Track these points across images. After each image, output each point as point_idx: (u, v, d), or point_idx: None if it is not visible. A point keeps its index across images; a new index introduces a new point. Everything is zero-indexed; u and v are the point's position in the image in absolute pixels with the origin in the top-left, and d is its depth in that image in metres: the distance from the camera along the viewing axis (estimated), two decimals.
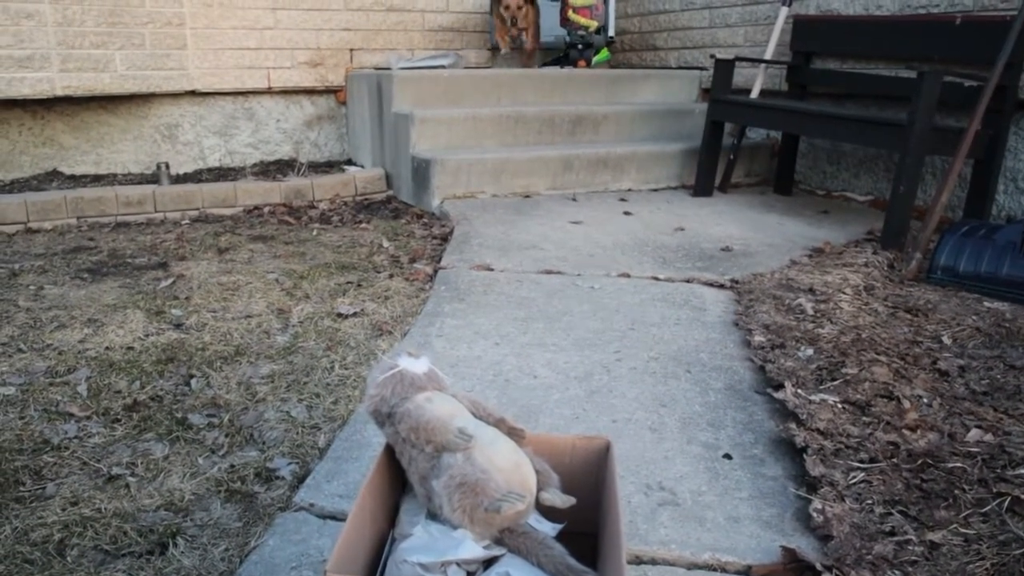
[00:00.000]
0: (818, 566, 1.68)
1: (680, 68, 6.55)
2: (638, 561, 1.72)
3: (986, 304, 3.34)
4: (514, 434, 1.52)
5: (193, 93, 5.70)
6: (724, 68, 5.14)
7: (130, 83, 5.28)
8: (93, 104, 5.40)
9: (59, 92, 5.04)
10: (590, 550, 1.52)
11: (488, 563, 1.41)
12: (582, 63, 6.42)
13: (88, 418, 2.34)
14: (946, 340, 2.91)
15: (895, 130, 3.99)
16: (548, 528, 1.48)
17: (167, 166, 5.31)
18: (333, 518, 1.86)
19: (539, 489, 1.47)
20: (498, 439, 1.47)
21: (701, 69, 6.36)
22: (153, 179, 5.35)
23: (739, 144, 5.51)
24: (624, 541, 1.25)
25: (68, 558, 1.76)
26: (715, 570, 1.72)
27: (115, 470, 2.08)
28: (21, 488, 2.00)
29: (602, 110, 5.68)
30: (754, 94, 5.43)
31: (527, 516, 1.45)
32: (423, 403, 1.48)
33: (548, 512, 1.52)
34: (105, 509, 1.92)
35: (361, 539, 1.37)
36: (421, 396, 1.50)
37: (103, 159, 5.55)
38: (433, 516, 1.45)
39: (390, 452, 1.54)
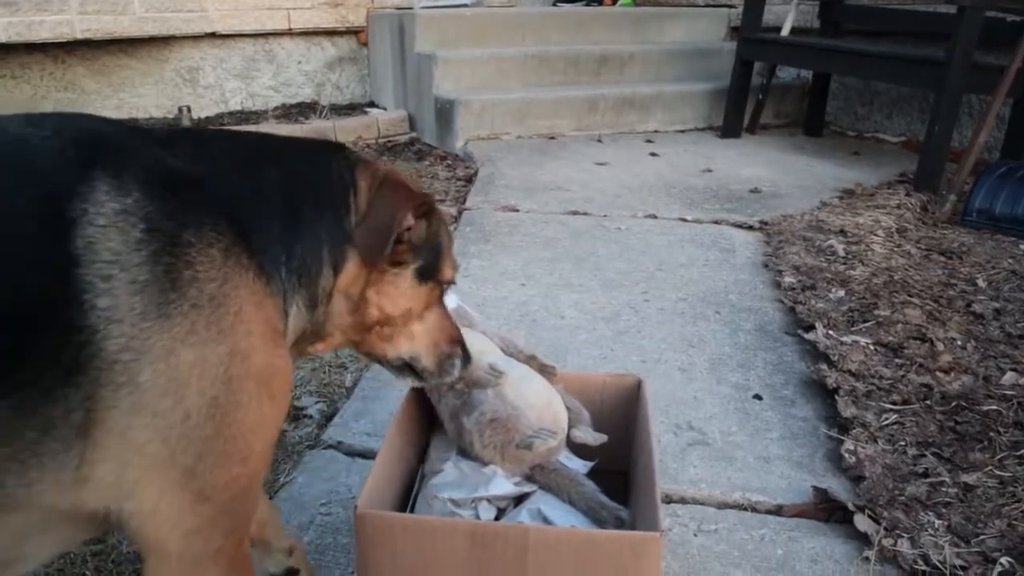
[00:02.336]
0: (850, 506, 1.66)
1: (708, 6, 6.38)
2: (668, 500, 1.72)
3: (1022, 247, 3.26)
4: (545, 371, 1.50)
5: (213, 35, 5.63)
6: (754, 5, 4.99)
7: (149, 26, 5.22)
8: (113, 48, 5.35)
9: (79, 35, 5.00)
10: (620, 487, 1.52)
11: (519, 500, 1.41)
12: (608, 0, 6.27)
13: None
14: (981, 283, 2.85)
15: (932, 68, 3.86)
16: (579, 465, 1.47)
17: (189, 110, 5.28)
18: (361, 456, 1.86)
19: (570, 426, 1.46)
20: (529, 376, 1.46)
21: (730, 7, 6.19)
22: (175, 123, 5.32)
23: (768, 84, 5.37)
24: (658, 479, 1.24)
25: None
26: (745, 509, 1.71)
27: None
28: None
29: (628, 49, 5.56)
30: (785, 32, 5.27)
31: (558, 453, 1.44)
32: None
33: (579, 449, 1.51)
34: None
35: (391, 476, 1.37)
36: None
37: (125, 103, 5.52)
38: (463, 453, 1.44)
39: (417, 391, 1.53)
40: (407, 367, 1.31)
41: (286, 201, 1.06)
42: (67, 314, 0.82)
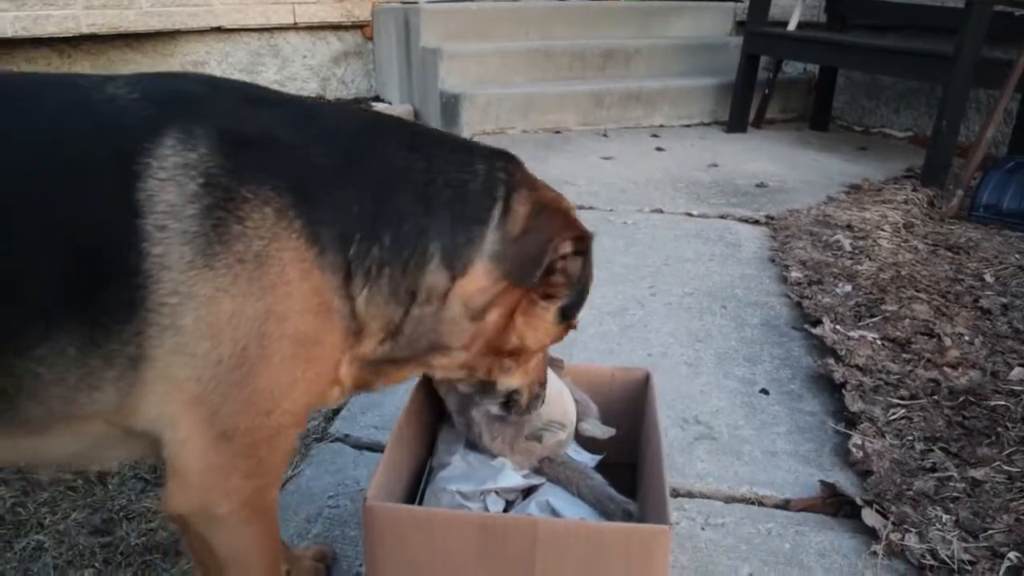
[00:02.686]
0: (858, 501, 1.66)
1: (714, 0, 6.36)
2: (675, 494, 1.72)
3: None
4: (553, 364, 1.50)
5: (218, 30, 5.62)
6: None
7: (155, 20, 5.22)
8: (119, 42, 5.35)
9: (84, 30, 5.00)
10: (628, 480, 1.52)
11: (527, 492, 1.41)
12: None
13: None
14: (988, 278, 2.84)
15: (940, 62, 3.85)
16: (587, 459, 1.47)
17: None
18: (369, 449, 1.87)
19: (578, 420, 1.46)
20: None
21: (736, 1, 6.17)
22: None
23: (774, 79, 5.36)
24: (666, 473, 1.24)
25: (109, 486, 1.78)
26: (753, 503, 1.71)
27: None
28: None
29: (634, 44, 5.55)
30: (791, 26, 5.25)
31: (567, 446, 1.44)
32: None
33: (587, 443, 1.51)
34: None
35: (399, 468, 1.37)
36: None
37: None
38: (472, 445, 1.44)
39: (427, 383, 1.53)
40: (504, 398, 1.32)
41: (382, 187, 1.06)
42: (128, 259, 0.90)
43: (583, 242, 1.17)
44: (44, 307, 0.90)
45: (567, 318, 1.25)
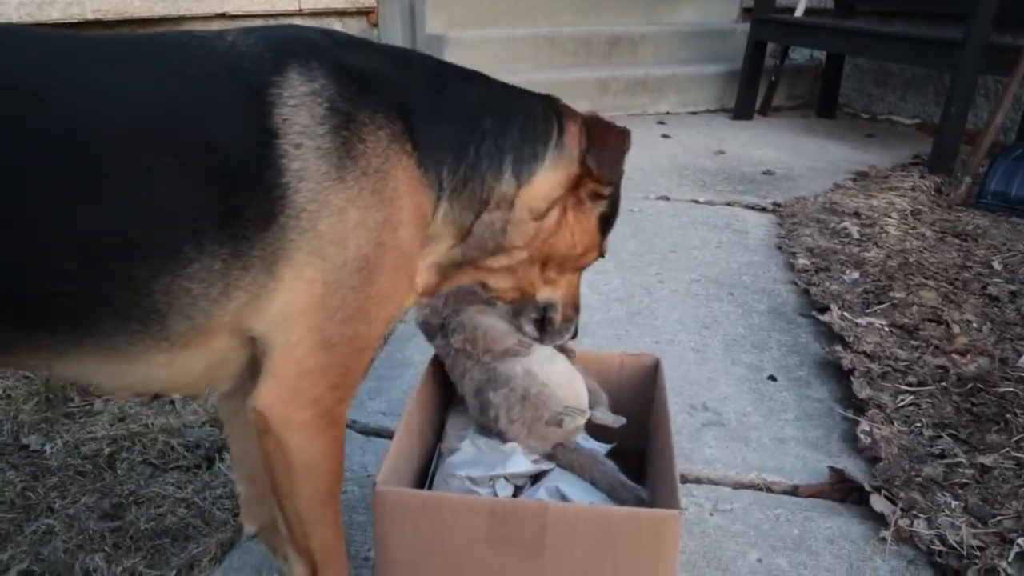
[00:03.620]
0: (866, 487, 1.66)
1: None
2: (684, 480, 1.71)
3: None
4: (565, 352, 1.50)
5: (223, 15, 5.60)
6: None
7: (160, 6, 5.20)
8: (123, 28, 5.33)
9: (89, 15, 4.98)
10: (636, 467, 1.52)
11: (535, 478, 1.41)
12: None
13: None
14: (996, 265, 2.83)
15: (948, 49, 3.83)
16: (596, 447, 1.47)
17: None
18: (376, 435, 1.87)
19: (590, 408, 1.45)
20: (554, 356, 1.45)
21: None
22: None
23: (781, 66, 5.33)
24: (676, 458, 1.24)
25: (118, 471, 1.79)
26: (761, 489, 1.71)
27: None
28: (70, 404, 2.03)
29: (640, 31, 5.52)
30: (798, 13, 5.22)
31: (579, 433, 1.44)
32: (476, 314, 1.46)
33: (595, 432, 1.51)
34: (152, 425, 1.94)
35: (409, 453, 1.37)
36: (473, 308, 1.47)
37: None
38: (484, 430, 1.44)
39: (434, 369, 1.53)
40: (539, 315, 1.42)
41: (466, 116, 1.20)
42: (267, 175, 1.01)
43: (629, 139, 1.33)
44: (197, 228, 0.99)
45: (605, 231, 1.39)
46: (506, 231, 1.26)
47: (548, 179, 1.26)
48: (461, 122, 1.19)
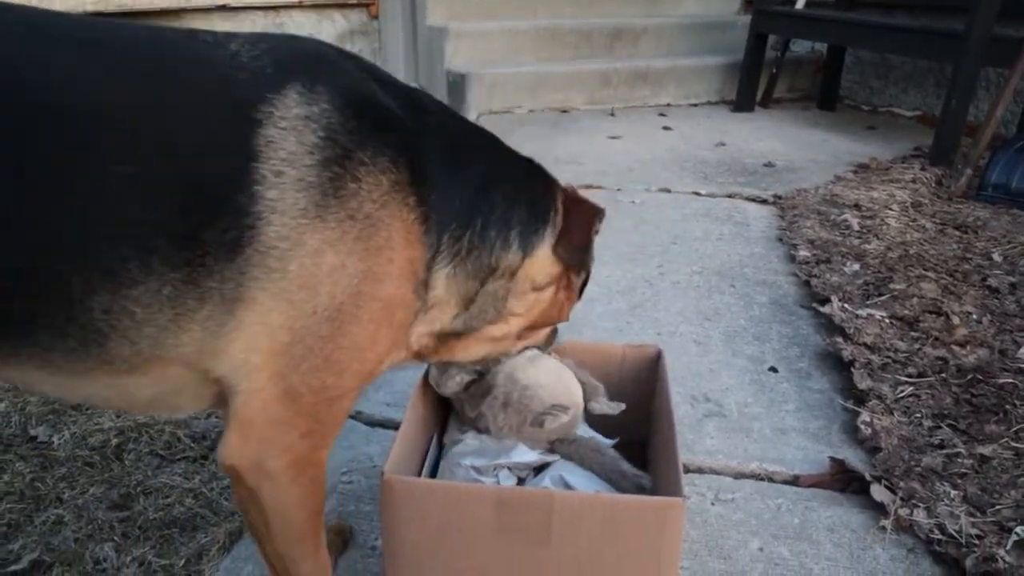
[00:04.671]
0: (867, 476, 1.67)
1: None
2: (685, 470, 1.73)
3: None
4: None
5: (224, 8, 5.60)
6: None
7: None
8: (124, 21, 5.33)
9: (89, 7, 4.98)
10: (639, 457, 1.53)
11: (539, 469, 1.43)
12: None
13: None
14: (996, 257, 2.84)
15: (949, 40, 3.83)
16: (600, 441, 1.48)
17: None
18: (381, 426, 1.88)
19: (586, 400, 1.47)
20: (538, 356, 1.46)
21: None
22: None
23: (782, 58, 5.34)
24: (679, 448, 1.25)
25: (126, 462, 1.80)
26: (762, 480, 1.73)
27: None
28: None
29: (641, 23, 5.52)
30: (799, 5, 5.22)
31: (575, 427, 1.45)
32: None
33: (599, 424, 1.53)
34: (158, 416, 1.96)
35: (415, 443, 1.39)
36: None
37: None
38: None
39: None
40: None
41: (478, 184, 1.16)
42: (238, 200, 0.92)
43: (602, 220, 1.32)
44: (148, 244, 0.91)
45: (581, 293, 1.43)
46: (507, 299, 1.26)
47: (548, 255, 1.28)
48: (472, 188, 1.15)
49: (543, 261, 1.27)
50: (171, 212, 0.91)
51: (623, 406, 1.49)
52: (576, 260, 1.31)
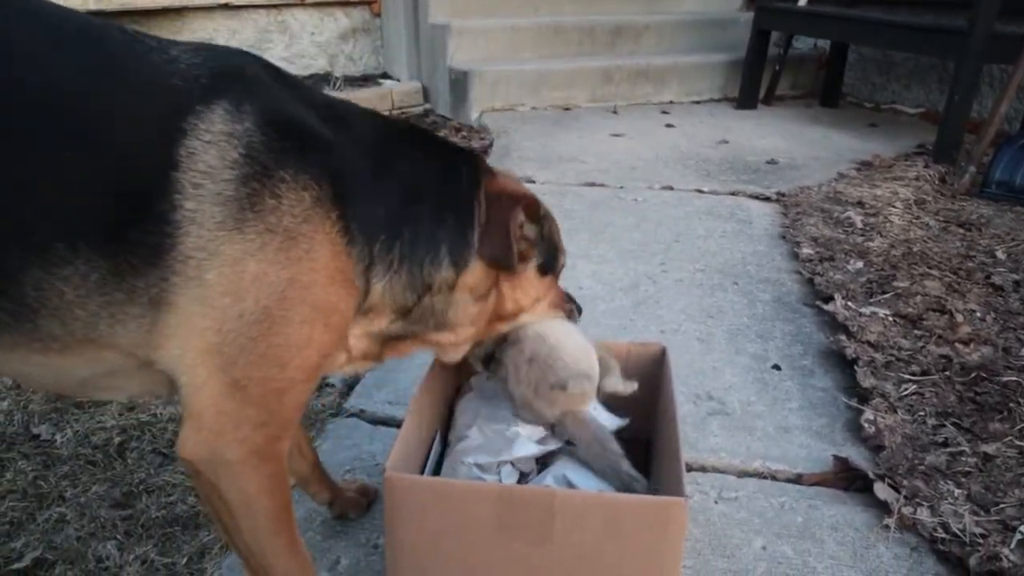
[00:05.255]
0: (870, 475, 1.67)
1: None
2: (689, 468, 1.73)
3: None
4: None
5: (226, 6, 5.59)
6: None
7: None
8: (126, 19, 5.33)
9: (92, 6, 4.98)
10: (643, 455, 1.53)
11: (542, 465, 1.42)
12: None
13: None
14: (1000, 255, 2.83)
15: (952, 37, 3.82)
16: (607, 419, 1.45)
17: None
18: (384, 424, 1.88)
19: (601, 377, 1.46)
20: (568, 324, 1.46)
21: None
22: None
23: (785, 55, 5.33)
24: (682, 446, 1.25)
25: (128, 460, 1.80)
26: (765, 478, 1.73)
27: None
28: None
29: (643, 20, 5.51)
30: (802, 1, 5.21)
31: (588, 402, 1.43)
32: None
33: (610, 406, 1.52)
34: (160, 414, 1.96)
35: (417, 441, 1.39)
36: None
37: None
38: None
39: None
40: (488, 353, 1.45)
41: (402, 196, 1.18)
42: (161, 207, 0.96)
43: (533, 208, 1.31)
44: (74, 229, 0.94)
45: (548, 272, 1.40)
46: (447, 312, 1.27)
47: (482, 263, 1.27)
48: (395, 199, 1.17)
49: (481, 271, 1.27)
50: (99, 201, 0.95)
51: (635, 386, 1.49)
52: (501, 261, 1.27)
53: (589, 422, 1.40)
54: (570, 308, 1.50)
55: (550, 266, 1.40)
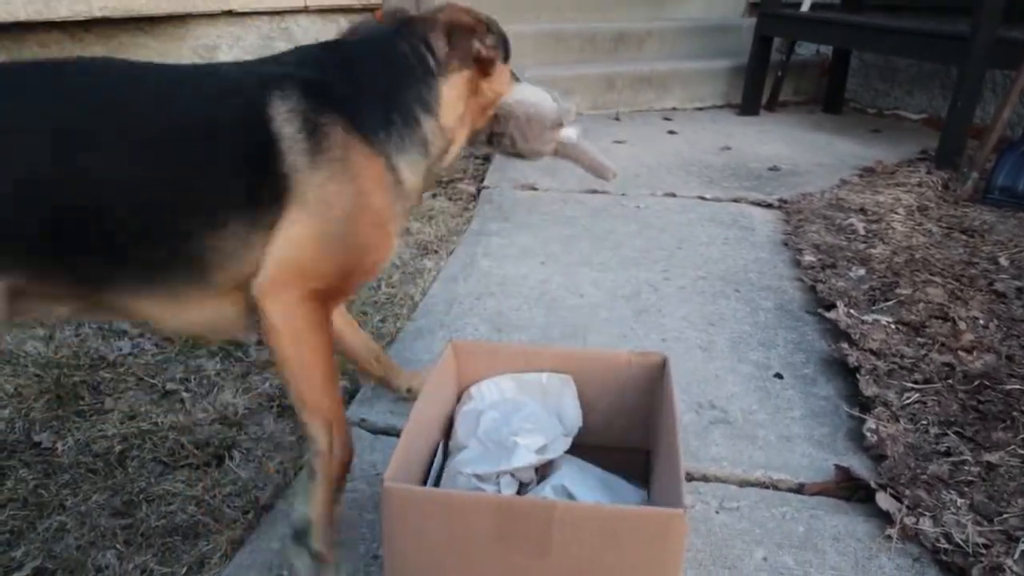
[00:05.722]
0: (872, 484, 1.66)
1: None
2: (690, 477, 1.72)
3: None
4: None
5: (230, 13, 5.60)
6: None
7: (166, 3, 5.21)
8: (130, 25, 5.34)
9: (96, 13, 4.99)
10: (644, 467, 1.53)
11: (542, 474, 1.42)
12: None
13: (141, 335, 2.37)
14: (1003, 261, 2.82)
15: (955, 43, 3.81)
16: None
17: None
18: (385, 433, 1.88)
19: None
20: (523, 84, 1.81)
21: None
22: None
23: (788, 61, 5.33)
24: (682, 456, 1.24)
25: (129, 469, 1.80)
26: (767, 487, 1.72)
27: (169, 386, 2.12)
28: (81, 402, 2.04)
29: (645, 26, 5.52)
30: (804, 7, 5.21)
31: (572, 119, 1.86)
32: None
33: (601, 429, 1.52)
34: (162, 423, 1.96)
35: (416, 451, 1.38)
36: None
37: None
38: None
39: (443, 368, 1.54)
40: (487, 136, 1.84)
41: (378, 92, 1.55)
42: (275, 167, 1.37)
43: (482, 26, 1.67)
44: (231, 202, 1.36)
45: (507, 59, 1.75)
46: (447, 139, 1.67)
47: (452, 99, 1.65)
48: (378, 102, 1.54)
49: (451, 106, 1.65)
50: (238, 180, 1.37)
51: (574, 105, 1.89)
52: (468, 62, 1.66)
53: (577, 144, 1.88)
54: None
55: (507, 53, 1.74)
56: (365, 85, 1.55)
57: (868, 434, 1.83)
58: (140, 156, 1.33)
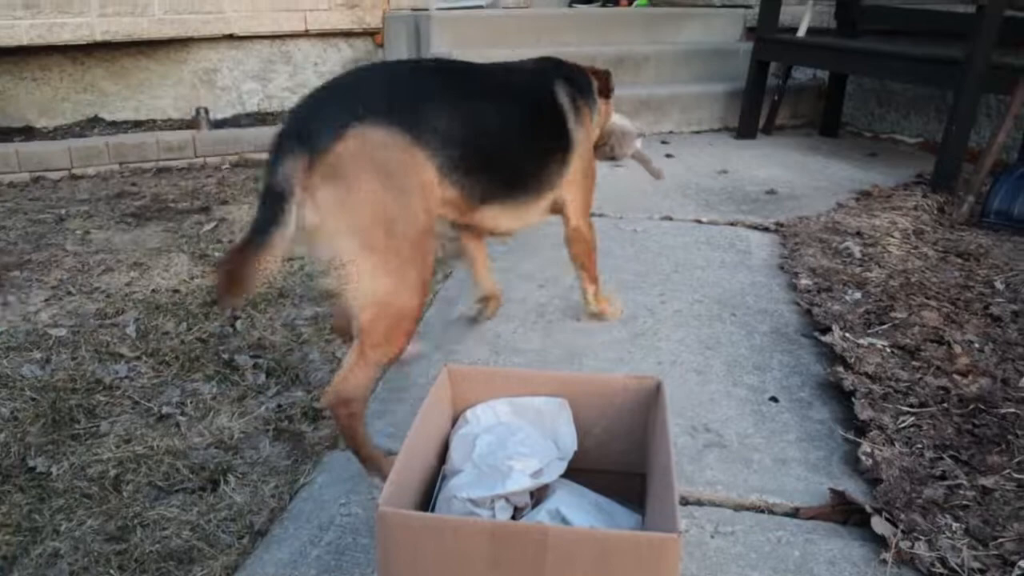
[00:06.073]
0: (867, 508, 1.66)
1: (724, 6, 6.37)
2: (685, 502, 1.72)
3: None
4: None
5: (231, 37, 5.66)
6: (770, 5, 4.98)
7: (168, 27, 5.26)
8: (132, 49, 5.39)
9: (98, 37, 5.04)
10: (638, 489, 1.53)
11: (537, 498, 1.42)
12: (624, 1, 6.25)
13: (138, 359, 2.38)
14: (998, 285, 2.83)
15: (950, 67, 3.85)
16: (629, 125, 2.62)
17: (207, 111, 5.31)
18: None
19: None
20: (619, 116, 2.62)
21: (746, 7, 6.17)
22: (192, 124, 5.36)
23: (784, 85, 5.36)
24: (676, 481, 1.24)
25: (124, 493, 1.80)
26: (762, 511, 1.72)
27: (165, 409, 2.12)
28: (76, 426, 2.05)
29: (643, 51, 5.56)
30: (801, 32, 5.26)
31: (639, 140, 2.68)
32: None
33: (595, 453, 1.52)
34: (157, 447, 1.96)
35: (412, 476, 1.38)
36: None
37: (143, 105, 5.56)
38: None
39: (438, 392, 1.55)
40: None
41: (590, 89, 2.39)
42: (565, 127, 2.21)
43: (607, 74, 2.48)
44: (556, 146, 2.20)
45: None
46: (608, 139, 2.61)
47: (603, 111, 2.50)
48: (591, 95, 2.39)
49: (600, 115, 2.50)
50: (557, 140, 2.20)
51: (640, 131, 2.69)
52: (605, 93, 2.48)
53: (640, 149, 2.69)
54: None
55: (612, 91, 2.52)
56: (582, 84, 2.33)
57: (863, 458, 1.83)
58: (509, 120, 2.02)
